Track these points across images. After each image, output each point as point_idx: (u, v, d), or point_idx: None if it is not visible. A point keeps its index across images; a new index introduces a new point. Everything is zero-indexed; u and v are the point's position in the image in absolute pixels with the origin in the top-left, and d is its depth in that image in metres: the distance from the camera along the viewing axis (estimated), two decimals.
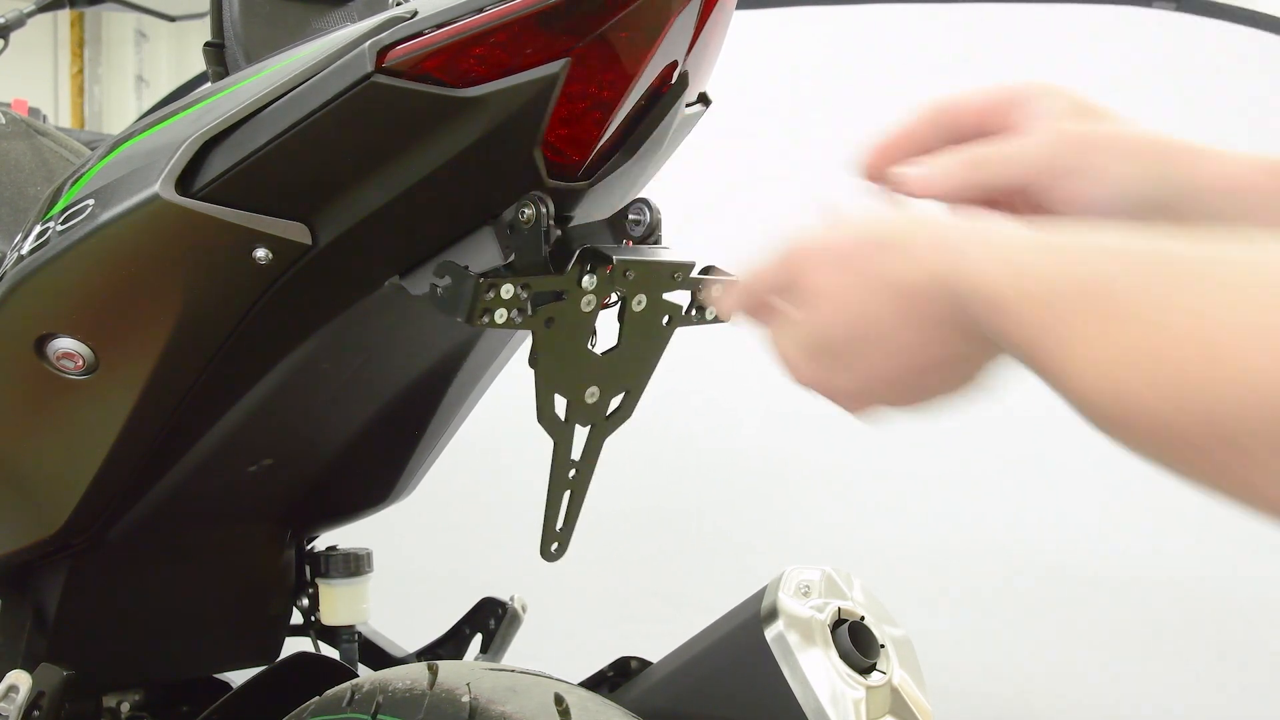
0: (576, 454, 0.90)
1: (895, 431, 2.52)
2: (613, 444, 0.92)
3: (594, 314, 0.85)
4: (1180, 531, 2.30)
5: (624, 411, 0.92)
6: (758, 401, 2.67)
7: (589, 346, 0.87)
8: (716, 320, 0.92)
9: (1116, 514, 2.40)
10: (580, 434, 0.90)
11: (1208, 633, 2.28)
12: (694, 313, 0.91)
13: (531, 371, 0.85)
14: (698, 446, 2.71)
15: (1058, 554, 2.43)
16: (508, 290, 0.80)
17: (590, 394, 0.88)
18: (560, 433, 0.88)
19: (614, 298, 0.86)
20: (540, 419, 0.86)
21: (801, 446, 2.63)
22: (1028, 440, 2.50)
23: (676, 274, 0.88)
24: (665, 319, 0.90)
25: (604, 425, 0.91)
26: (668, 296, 0.90)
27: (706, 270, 0.92)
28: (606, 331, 0.88)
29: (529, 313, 0.82)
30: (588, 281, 0.83)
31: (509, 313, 0.80)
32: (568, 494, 0.91)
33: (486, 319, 0.79)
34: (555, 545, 0.92)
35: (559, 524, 0.91)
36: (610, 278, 0.84)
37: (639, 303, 0.87)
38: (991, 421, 2.50)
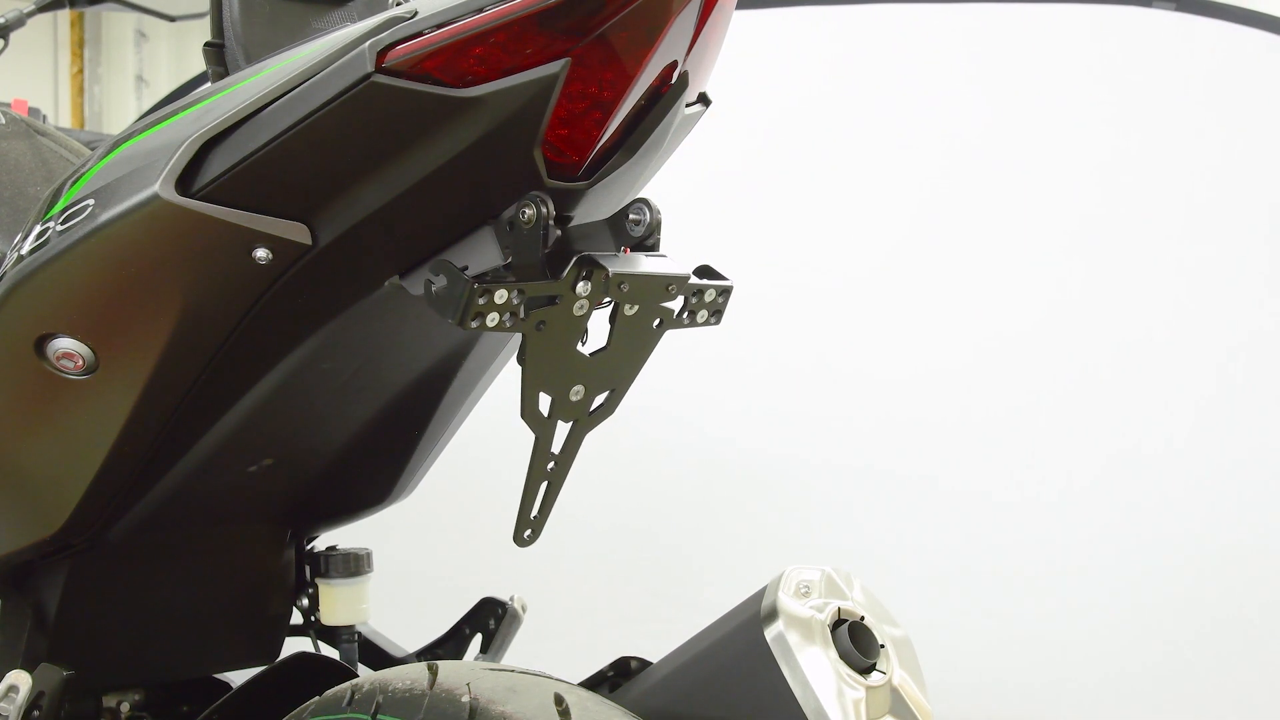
0: (557, 447, 0.91)
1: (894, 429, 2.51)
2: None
3: (586, 317, 0.85)
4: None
5: (607, 408, 0.92)
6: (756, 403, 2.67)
7: (578, 348, 0.87)
8: (708, 324, 0.92)
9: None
10: (561, 428, 0.90)
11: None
12: (685, 316, 0.91)
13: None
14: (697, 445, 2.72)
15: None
16: (501, 295, 0.80)
17: (575, 392, 0.88)
18: (542, 428, 0.89)
19: (607, 299, 0.86)
20: (523, 415, 0.87)
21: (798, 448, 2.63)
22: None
23: (671, 285, 0.88)
24: (656, 322, 0.90)
25: (586, 421, 0.91)
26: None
27: (702, 271, 0.92)
28: (596, 329, 0.88)
29: (521, 316, 0.82)
30: (582, 288, 0.83)
31: (501, 316, 0.80)
32: (544, 484, 0.92)
33: (478, 323, 0.79)
34: (528, 532, 0.93)
35: (534, 512, 0.92)
36: (605, 286, 0.84)
37: (631, 308, 0.87)
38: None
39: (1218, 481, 2.35)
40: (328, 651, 1.36)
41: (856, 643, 0.88)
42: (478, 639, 1.41)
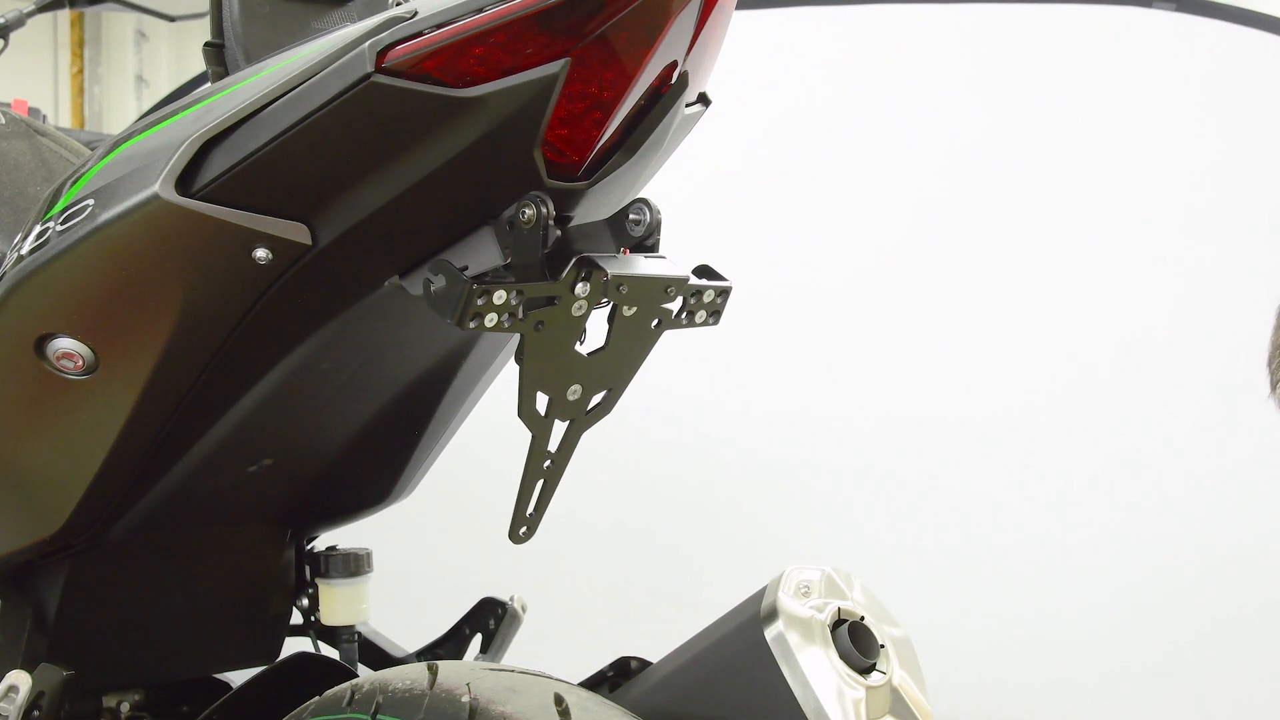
0: (553, 446, 0.91)
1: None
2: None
3: (584, 318, 0.85)
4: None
5: (604, 408, 0.92)
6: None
7: (576, 347, 0.87)
8: (706, 324, 0.92)
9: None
10: (558, 427, 0.90)
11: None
12: (684, 317, 0.91)
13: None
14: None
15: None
16: (500, 296, 0.80)
17: (572, 391, 0.88)
18: (539, 427, 0.88)
19: (605, 299, 0.86)
20: (520, 414, 0.87)
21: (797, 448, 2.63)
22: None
23: (670, 288, 0.88)
24: (655, 322, 0.90)
25: (583, 420, 0.91)
26: None
27: (702, 271, 0.91)
28: (594, 327, 0.88)
29: (520, 316, 0.81)
30: (581, 289, 0.83)
31: (499, 317, 0.80)
32: (540, 482, 0.92)
33: (476, 323, 0.79)
34: (524, 529, 0.93)
35: (529, 510, 0.92)
36: (604, 288, 0.84)
37: (630, 309, 0.87)
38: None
39: (1217, 481, 2.35)
40: (328, 651, 1.36)
41: (856, 643, 0.88)
42: (478, 639, 1.41)
